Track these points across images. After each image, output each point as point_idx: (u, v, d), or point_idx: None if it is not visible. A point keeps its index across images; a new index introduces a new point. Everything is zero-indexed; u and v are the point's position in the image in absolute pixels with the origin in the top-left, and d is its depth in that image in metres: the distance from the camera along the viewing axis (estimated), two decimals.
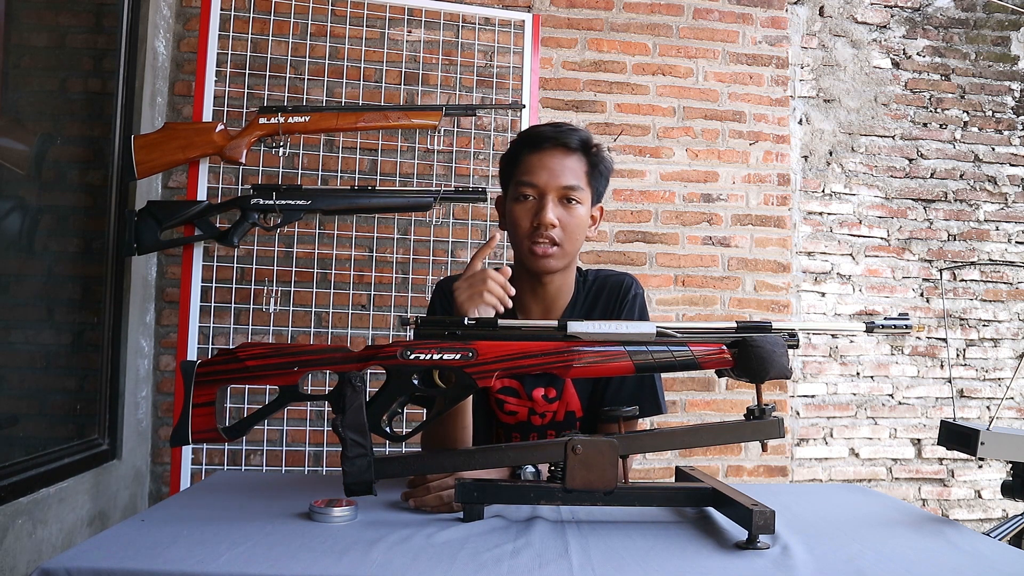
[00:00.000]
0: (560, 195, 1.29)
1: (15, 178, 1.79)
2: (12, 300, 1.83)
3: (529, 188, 1.29)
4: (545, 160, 1.29)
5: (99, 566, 0.83)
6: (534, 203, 1.29)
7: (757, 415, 1.06)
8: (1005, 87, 2.98)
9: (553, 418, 1.40)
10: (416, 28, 2.57)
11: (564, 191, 1.29)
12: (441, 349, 1.05)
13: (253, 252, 2.34)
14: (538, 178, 1.28)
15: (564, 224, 1.29)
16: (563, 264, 1.32)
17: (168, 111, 2.47)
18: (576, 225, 1.30)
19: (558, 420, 1.40)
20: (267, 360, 1.06)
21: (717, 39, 2.78)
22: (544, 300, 1.38)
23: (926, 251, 2.90)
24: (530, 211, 1.29)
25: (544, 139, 1.30)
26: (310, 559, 0.87)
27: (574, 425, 1.40)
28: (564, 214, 1.29)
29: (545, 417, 1.40)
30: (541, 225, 1.27)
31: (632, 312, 1.40)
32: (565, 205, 1.29)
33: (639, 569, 0.87)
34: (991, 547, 1.01)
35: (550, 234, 1.28)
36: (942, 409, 2.85)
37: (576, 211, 1.30)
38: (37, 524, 1.68)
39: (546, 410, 1.40)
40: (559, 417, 1.40)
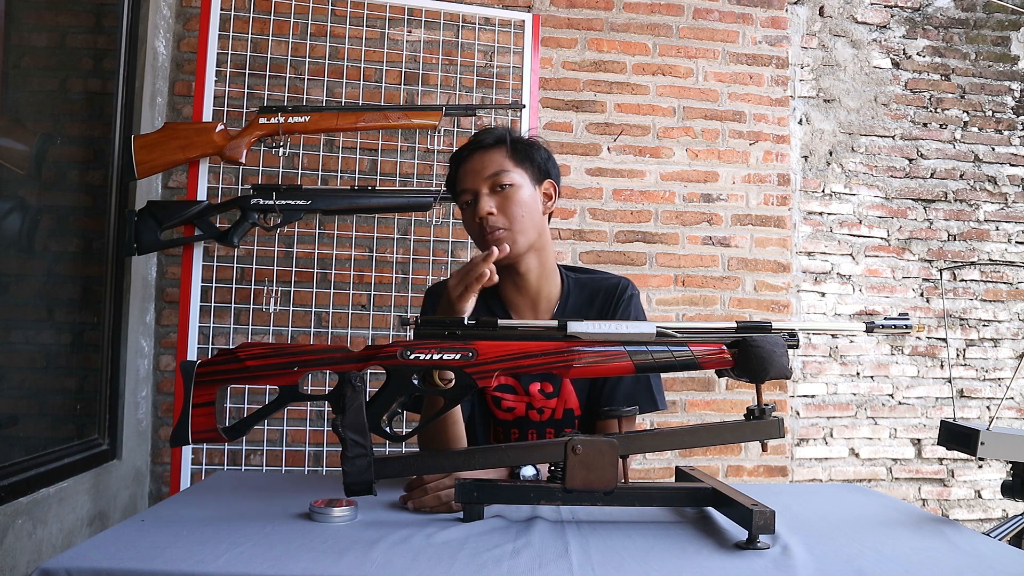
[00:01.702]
0: (489, 186, 1.35)
1: (15, 178, 1.79)
2: (12, 300, 1.83)
3: (465, 194, 1.37)
4: (469, 166, 1.37)
5: (99, 566, 0.83)
6: (472, 205, 1.36)
7: (757, 415, 1.06)
8: (1005, 87, 2.98)
9: (552, 415, 1.41)
10: (416, 28, 2.57)
11: (490, 181, 1.35)
12: (441, 349, 1.05)
13: (253, 252, 2.34)
14: (466, 182, 1.37)
15: (502, 208, 1.34)
16: (522, 245, 1.36)
17: (168, 111, 2.47)
18: (516, 204, 1.35)
19: (557, 418, 1.41)
20: (267, 360, 1.06)
21: (717, 39, 2.78)
22: (528, 293, 1.42)
23: (926, 251, 2.90)
24: (473, 212, 1.36)
25: (464, 149, 1.40)
26: (310, 559, 0.87)
27: (573, 423, 1.41)
28: (499, 200, 1.35)
29: (543, 413, 1.41)
30: (483, 219, 1.34)
31: (628, 311, 1.42)
32: (498, 193, 1.35)
33: (639, 569, 0.87)
34: (991, 547, 1.01)
35: (491, 223, 1.34)
36: (942, 409, 2.85)
37: (512, 194, 1.35)
38: (37, 524, 1.68)
39: (544, 405, 1.41)
40: (558, 415, 1.41)
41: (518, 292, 1.42)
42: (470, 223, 1.38)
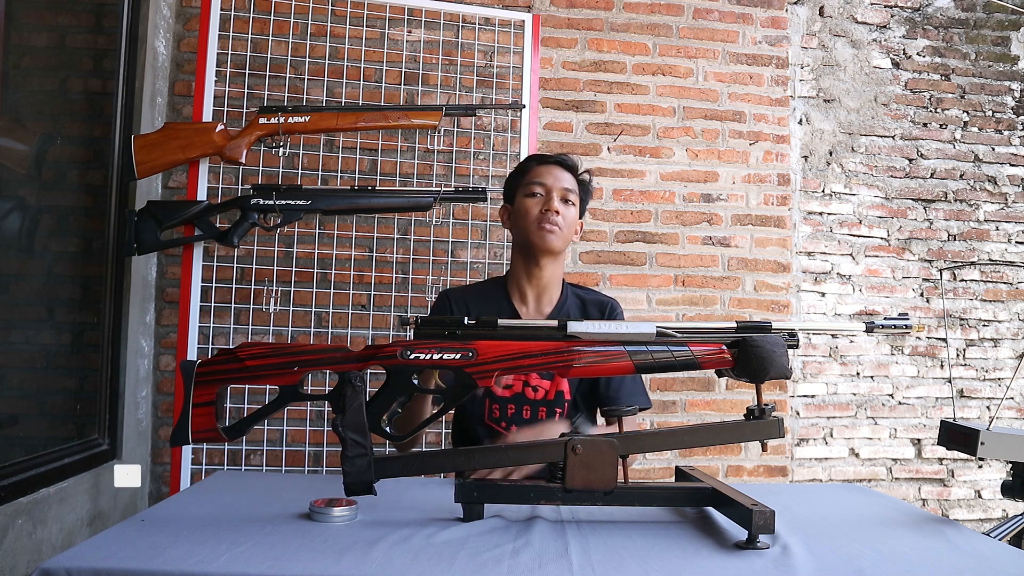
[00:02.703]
0: (561, 195, 1.59)
1: (15, 178, 1.79)
2: (12, 300, 1.83)
3: (538, 187, 1.60)
4: (551, 170, 1.62)
5: (99, 566, 0.83)
6: (542, 198, 1.58)
7: (757, 415, 1.06)
8: (1005, 87, 2.98)
9: (545, 396, 1.56)
10: (416, 28, 2.57)
11: (564, 192, 1.60)
12: (441, 349, 1.05)
13: (253, 252, 2.34)
14: (546, 180, 1.60)
15: (564, 215, 1.58)
16: (560, 245, 1.59)
17: (168, 111, 2.47)
18: (572, 220, 1.61)
19: (549, 398, 1.55)
20: (267, 360, 1.07)
21: (717, 39, 2.78)
22: (538, 285, 1.63)
23: (926, 251, 2.90)
24: (539, 203, 1.58)
25: (549, 158, 1.65)
26: (310, 559, 0.87)
27: (563, 404, 1.55)
28: (564, 208, 1.59)
29: (538, 392, 1.55)
30: (549, 210, 1.56)
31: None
32: (564, 203, 1.59)
33: (639, 569, 0.87)
34: (991, 547, 1.01)
35: (555, 218, 1.56)
36: (942, 409, 2.85)
37: (571, 210, 1.61)
38: (37, 524, 1.68)
39: (539, 384, 1.55)
40: (550, 396, 1.56)
41: (530, 282, 1.62)
42: (531, 208, 1.58)
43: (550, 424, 1.51)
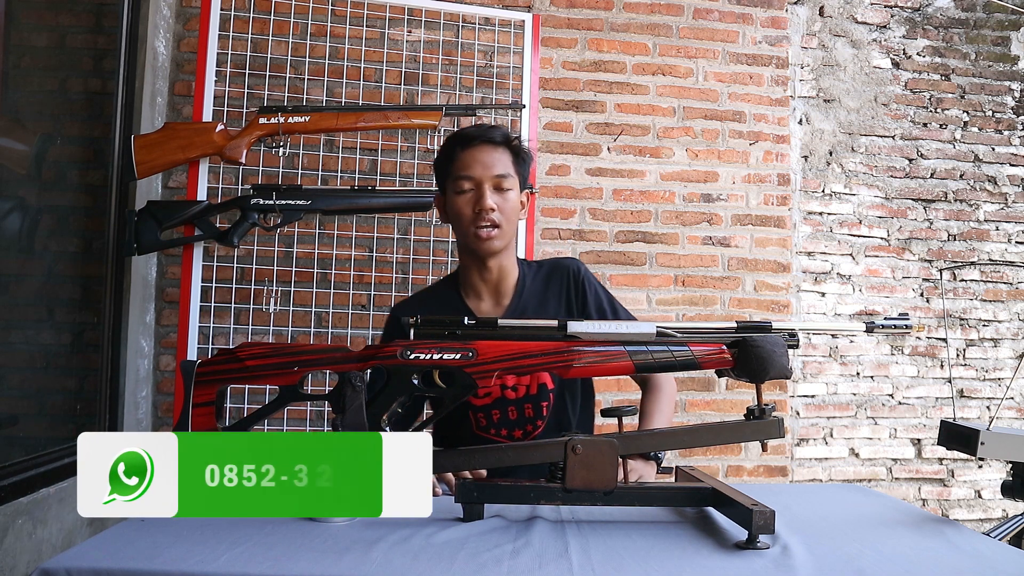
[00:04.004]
0: (494, 184, 1.41)
1: (15, 178, 1.79)
2: (12, 300, 1.83)
3: (467, 181, 1.41)
4: (476, 155, 1.42)
5: (99, 566, 0.83)
6: (473, 194, 1.41)
7: (757, 415, 1.06)
8: (1005, 87, 2.98)
9: (527, 392, 1.45)
10: (416, 28, 2.57)
11: (497, 180, 1.41)
12: (441, 349, 1.05)
13: (253, 252, 2.34)
14: (473, 171, 1.41)
15: (501, 208, 1.41)
16: (504, 244, 1.44)
17: (168, 111, 2.47)
18: (511, 208, 1.43)
19: (532, 393, 1.45)
20: (267, 360, 1.07)
21: (717, 39, 2.78)
22: (490, 281, 1.48)
23: (926, 251, 2.90)
24: (470, 201, 1.41)
25: (472, 137, 1.44)
26: (310, 559, 0.87)
27: (548, 396, 1.45)
28: (500, 200, 1.41)
29: (518, 391, 1.44)
30: (483, 211, 1.39)
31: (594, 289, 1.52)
32: (499, 192, 1.41)
33: (639, 569, 0.87)
34: (991, 547, 1.01)
35: (491, 217, 1.39)
36: (942, 409, 2.85)
37: (509, 196, 1.42)
38: (37, 524, 1.68)
39: (517, 383, 1.44)
40: (532, 391, 1.45)
41: (483, 280, 1.48)
42: (463, 209, 1.41)
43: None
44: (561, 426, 1.47)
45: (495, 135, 1.44)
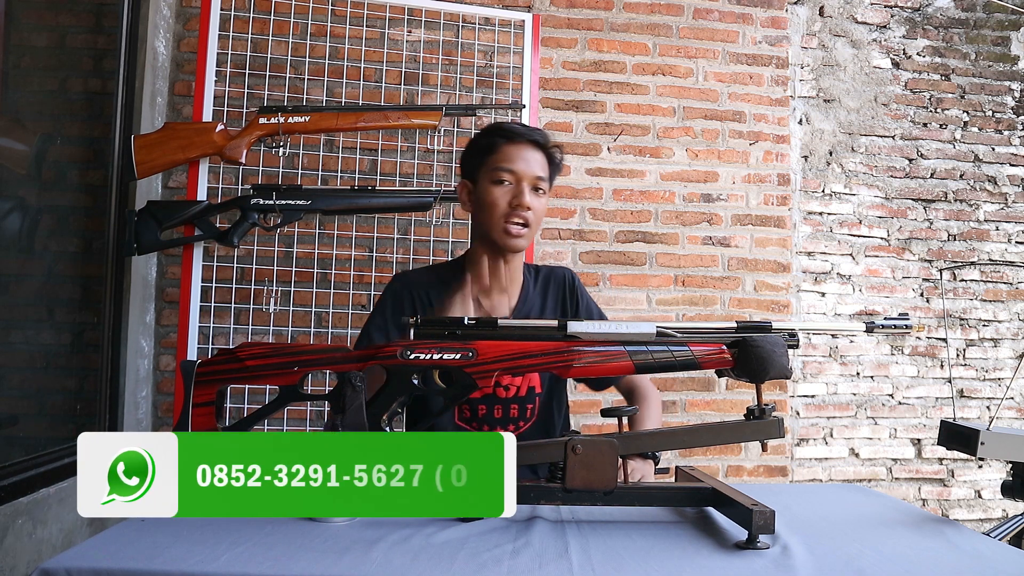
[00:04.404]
0: (532, 184, 1.41)
1: (15, 178, 1.79)
2: (12, 300, 1.83)
3: (507, 173, 1.40)
4: (521, 151, 1.41)
5: (99, 566, 0.83)
6: (511, 188, 1.40)
7: (757, 415, 1.06)
8: (1005, 87, 2.98)
9: (516, 392, 1.47)
10: (416, 28, 2.57)
11: (536, 181, 1.41)
12: (441, 349, 1.05)
13: (253, 252, 2.34)
14: (516, 165, 1.40)
15: (535, 209, 1.41)
16: (527, 245, 1.45)
17: (168, 111, 2.47)
18: (542, 211, 1.45)
19: (520, 395, 1.47)
20: (267, 360, 1.07)
21: (717, 39, 2.78)
22: (502, 278, 1.47)
23: (926, 251, 2.90)
24: (507, 194, 1.40)
25: (518, 134, 1.44)
26: (310, 559, 0.87)
27: (535, 400, 1.48)
28: (535, 201, 1.41)
29: (509, 391, 1.46)
30: (519, 206, 1.39)
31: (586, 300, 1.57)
32: (535, 193, 1.42)
33: (639, 569, 0.87)
34: (991, 547, 1.01)
35: (525, 215, 1.39)
36: (942, 409, 2.85)
37: (542, 200, 1.44)
38: (37, 524, 1.68)
39: (509, 383, 1.46)
40: (522, 392, 1.47)
41: (495, 276, 1.47)
42: (498, 201, 1.39)
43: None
44: (546, 429, 1.50)
45: (539, 137, 1.44)
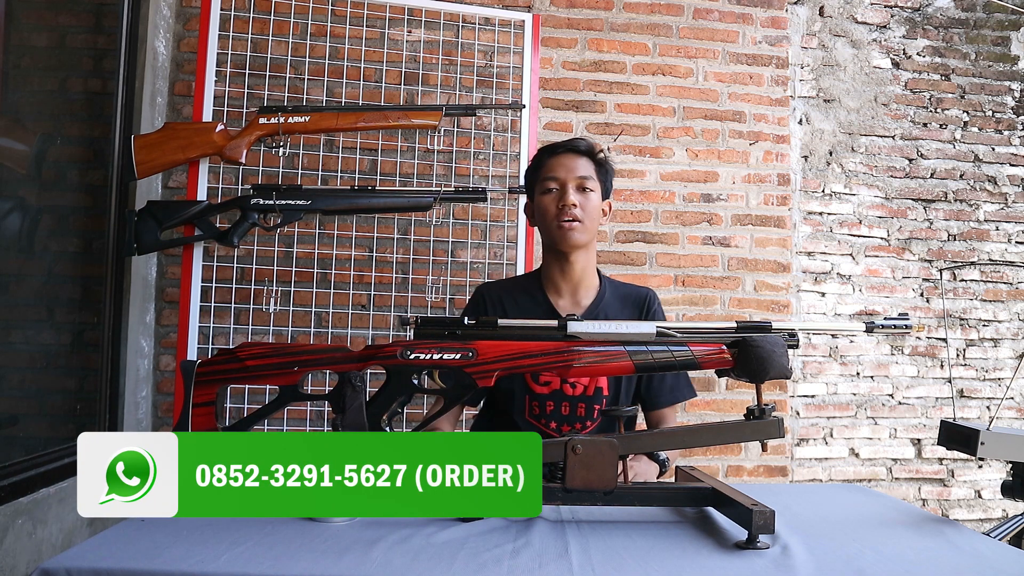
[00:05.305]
0: (577, 184, 1.53)
1: (15, 178, 1.79)
2: (12, 300, 1.83)
3: (552, 182, 1.54)
4: (562, 160, 1.56)
5: (99, 566, 0.83)
6: (557, 193, 1.54)
7: (757, 415, 1.06)
8: (1005, 87, 2.98)
9: (584, 391, 1.53)
10: (416, 28, 2.57)
11: (580, 180, 1.54)
12: (441, 349, 1.05)
13: (253, 252, 2.34)
14: (558, 172, 1.54)
15: (582, 205, 1.53)
16: (585, 239, 1.54)
17: (168, 111, 2.47)
18: (592, 208, 1.55)
19: (588, 394, 1.53)
20: (267, 360, 1.07)
21: (717, 39, 2.78)
22: (571, 279, 1.58)
23: (926, 251, 2.90)
24: (555, 199, 1.54)
25: (559, 146, 1.59)
26: (310, 559, 0.87)
27: (601, 401, 1.53)
28: (582, 198, 1.53)
29: (575, 388, 1.53)
30: (565, 205, 1.51)
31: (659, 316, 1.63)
32: (581, 192, 1.54)
33: (639, 569, 0.87)
34: (991, 547, 1.01)
35: (573, 212, 1.51)
36: (942, 409, 2.85)
37: (591, 197, 1.55)
38: (37, 524, 1.68)
39: (577, 381, 1.52)
40: (589, 392, 1.53)
41: (563, 277, 1.58)
42: (548, 206, 1.54)
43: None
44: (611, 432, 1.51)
45: (580, 144, 1.58)
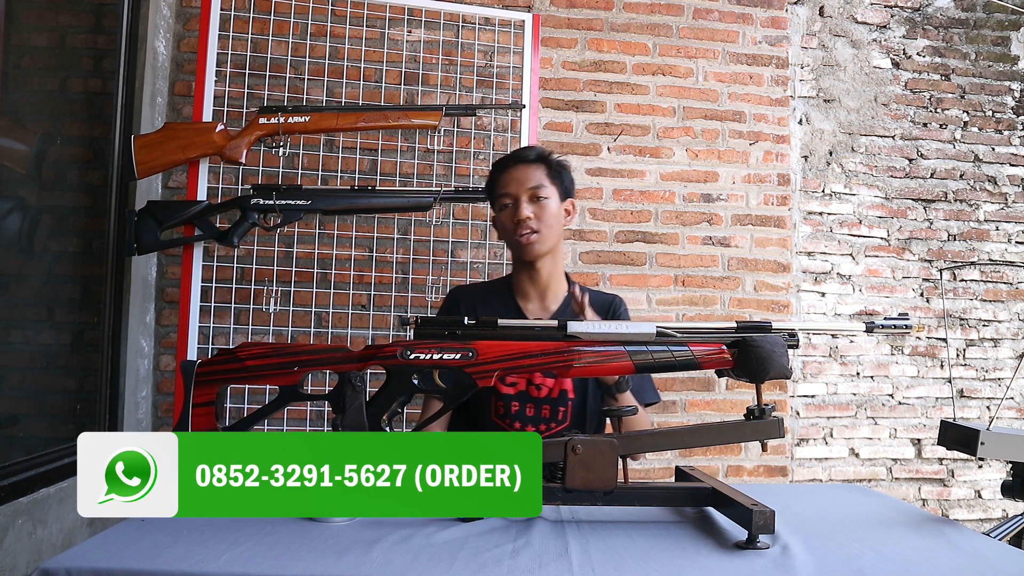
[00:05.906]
0: (530, 196, 1.55)
1: (15, 178, 1.79)
2: (12, 300, 1.83)
3: (506, 198, 1.56)
4: (512, 173, 1.57)
5: (99, 566, 0.83)
6: (512, 208, 1.56)
7: (757, 415, 1.06)
8: (1005, 87, 2.98)
9: (549, 393, 1.55)
10: (416, 28, 2.57)
11: (532, 191, 1.55)
12: (441, 349, 1.05)
13: (253, 252, 2.34)
14: (510, 188, 1.56)
15: (538, 215, 1.55)
16: (546, 247, 1.57)
17: (168, 111, 2.47)
18: (550, 215, 1.56)
19: (553, 396, 1.55)
20: (267, 360, 1.07)
21: (717, 39, 2.78)
22: (539, 285, 1.61)
23: (926, 251, 2.90)
24: (510, 214, 1.56)
25: (508, 159, 1.62)
26: (310, 559, 0.87)
27: (567, 403, 1.55)
28: (536, 208, 1.55)
29: (541, 390, 1.55)
30: (520, 220, 1.53)
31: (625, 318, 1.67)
32: (536, 202, 1.55)
33: (639, 569, 0.87)
34: (991, 547, 1.01)
35: (528, 225, 1.54)
36: (942, 409, 2.85)
37: (546, 205, 1.56)
38: (37, 524, 1.68)
39: (542, 383, 1.55)
40: (554, 394, 1.55)
41: (531, 283, 1.61)
42: (506, 222, 1.57)
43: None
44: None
45: (528, 154, 1.61)
